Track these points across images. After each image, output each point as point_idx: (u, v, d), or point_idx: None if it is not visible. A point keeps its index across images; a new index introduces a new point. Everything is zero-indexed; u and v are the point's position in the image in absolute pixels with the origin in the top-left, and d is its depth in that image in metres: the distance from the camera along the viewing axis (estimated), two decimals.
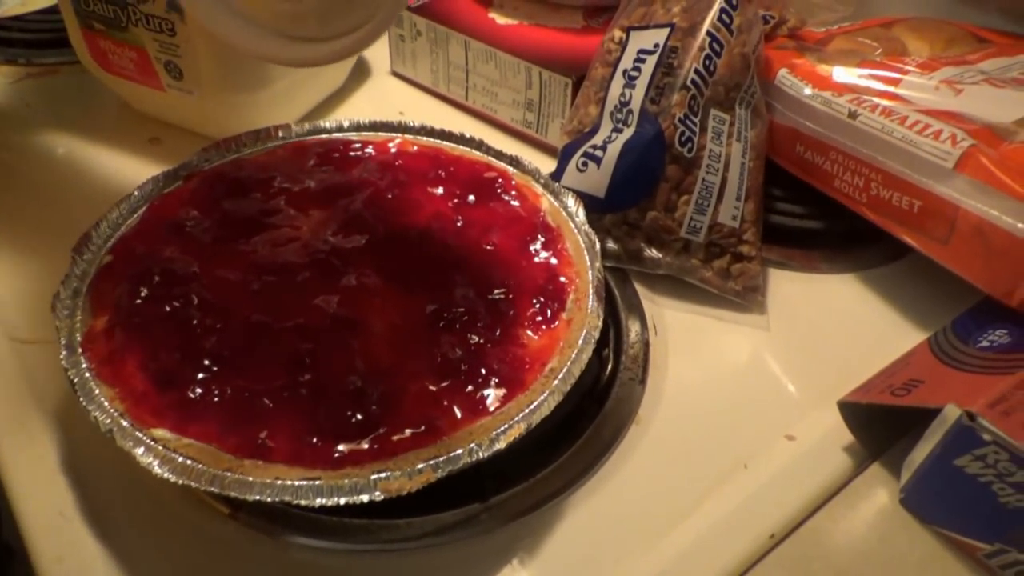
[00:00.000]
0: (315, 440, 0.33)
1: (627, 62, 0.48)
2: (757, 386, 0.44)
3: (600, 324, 0.39)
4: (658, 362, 0.44)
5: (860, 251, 0.52)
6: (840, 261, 0.51)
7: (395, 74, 0.68)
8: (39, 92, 0.64)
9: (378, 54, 0.68)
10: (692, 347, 0.45)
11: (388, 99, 0.66)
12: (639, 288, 0.48)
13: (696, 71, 0.46)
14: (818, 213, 0.52)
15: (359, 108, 0.64)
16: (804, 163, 0.50)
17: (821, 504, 0.37)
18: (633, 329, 0.45)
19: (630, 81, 0.48)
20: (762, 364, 0.45)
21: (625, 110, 0.48)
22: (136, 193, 0.44)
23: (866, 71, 0.50)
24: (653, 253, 0.47)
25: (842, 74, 0.50)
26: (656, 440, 0.40)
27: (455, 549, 0.36)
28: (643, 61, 0.48)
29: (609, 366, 0.43)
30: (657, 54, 0.47)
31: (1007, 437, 0.31)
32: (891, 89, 0.48)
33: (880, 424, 0.39)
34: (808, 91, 0.48)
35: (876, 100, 0.46)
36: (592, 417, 0.40)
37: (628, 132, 0.47)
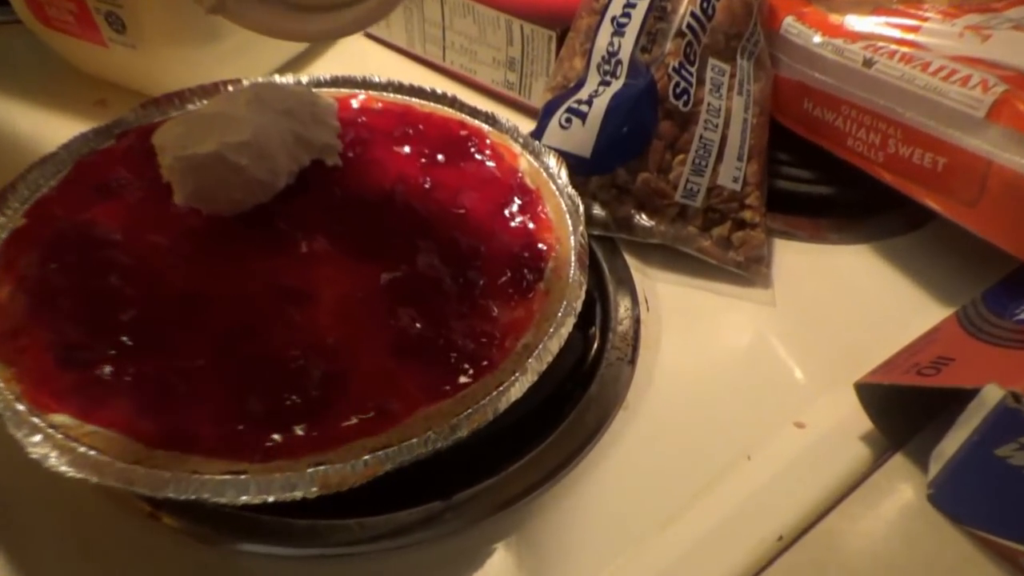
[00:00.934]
0: (243, 427, 0.28)
1: (616, 8, 0.43)
2: (761, 367, 0.39)
3: (583, 295, 0.34)
4: (650, 341, 0.39)
5: (875, 219, 0.47)
6: (852, 231, 0.46)
7: (368, 35, 0.63)
8: None
9: None
10: (688, 324, 0.40)
11: (359, 61, 0.60)
12: (629, 259, 0.43)
13: (693, 15, 0.41)
14: (828, 178, 0.47)
15: (327, 71, 0.59)
16: (813, 121, 0.45)
17: (836, 501, 0.32)
18: (622, 304, 0.40)
19: (619, 29, 0.43)
20: (767, 343, 0.40)
21: (613, 61, 0.42)
22: (61, 152, 0.39)
23: (882, 18, 0.45)
24: (645, 220, 0.42)
25: (855, 22, 0.45)
26: (646, 428, 0.35)
27: (415, 553, 0.31)
28: (633, 6, 0.43)
29: (595, 345, 0.38)
30: None
31: None
32: (910, 37, 0.43)
33: (903, 409, 0.34)
34: (818, 39, 0.43)
35: (894, 47, 0.41)
36: (575, 402, 0.36)
37: (617, 84, 0.42)
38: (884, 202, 0.44)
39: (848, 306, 0.43)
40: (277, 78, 0.46)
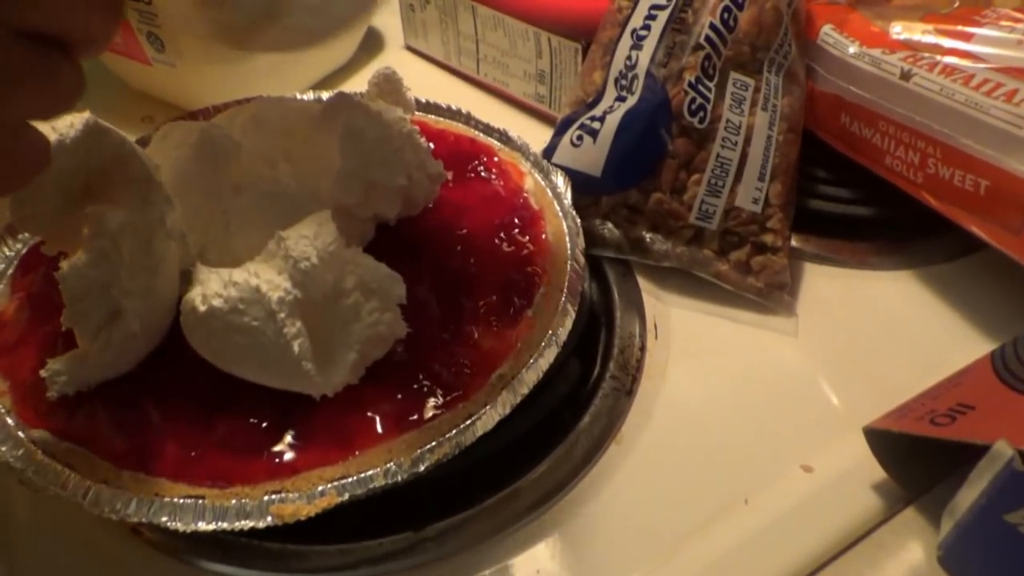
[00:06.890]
0: (204, 452, 0.28)
1: (637, 20, 0.42)
2: (775, 403, 0.36)
3: (569, 325, 0.33)
4: (654, 370, 0.37)
5: (920, 243, 0.43)
6: (895, 255, 0.43)
7: (409, 48, 0.63)
8: None
9: (391, 26, 0.64)
10: (698, 353, 0.38)
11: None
12: (643, 283, 0.41)
13: (712, 27, 0.39)
14: (868, 198, 0.44)
15: (362, 86, 0.59)
16: (850, 137, 0.42)
17: (834, 556, 0.30)
18: (628, 330, 0.38)
19: (638, 42, 0.41)
20: (783, 377, 0.37)
21: (630, 75, 0.41)
22: None
23: (931, 26, 0.41)
24: (658, 242, 0.40)
25: (901, 30, 0.41)
26: (638, 464, 0.33)
27: None
28: (654, 19, 0.41)
29: (595, 373, 0.37)
30: (669, 8, 0.40)
31: None
32: (960, 45, 0.39)
33: (923, 457, 0.31)
34: (853, 49, 0.40)
35: (939, 58, 0.38)
36: (565, 433, 0.34)
37: (631, 101, 0.40)
38: (930, 225, 0.41)
39: (883, 338, 0.39)
40: (298, 95, 0.47)
